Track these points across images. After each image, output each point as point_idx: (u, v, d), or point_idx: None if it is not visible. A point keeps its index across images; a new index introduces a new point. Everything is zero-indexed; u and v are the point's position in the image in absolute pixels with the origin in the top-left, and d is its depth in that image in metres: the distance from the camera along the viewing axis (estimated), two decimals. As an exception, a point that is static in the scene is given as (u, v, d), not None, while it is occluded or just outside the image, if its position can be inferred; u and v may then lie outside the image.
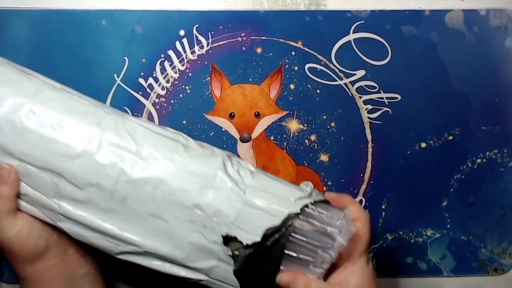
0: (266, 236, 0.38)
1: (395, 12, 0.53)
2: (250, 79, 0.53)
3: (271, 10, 0.53)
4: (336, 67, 0.53)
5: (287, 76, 0.53)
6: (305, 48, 0.53)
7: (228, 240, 0.39)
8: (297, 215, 0.39)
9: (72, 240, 0.42)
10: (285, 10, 0.53)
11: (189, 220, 0.39)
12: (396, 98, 0.54)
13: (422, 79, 0.54)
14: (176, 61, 0.53)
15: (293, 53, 0.53)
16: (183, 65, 0.53)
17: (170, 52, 0.52)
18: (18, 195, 0.40)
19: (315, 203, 0.40)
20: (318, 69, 0.53)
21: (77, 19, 0.51)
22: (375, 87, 0.54)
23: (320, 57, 0.53)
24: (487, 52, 0.54)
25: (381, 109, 0.54)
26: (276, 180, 0.42)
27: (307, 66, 0.53)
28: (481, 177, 0.56)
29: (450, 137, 0.55)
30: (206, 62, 0.53)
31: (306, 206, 0.39)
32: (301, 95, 0.54)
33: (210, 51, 0.53)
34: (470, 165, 0.55)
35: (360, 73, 0.54)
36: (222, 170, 0.40)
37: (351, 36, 0.53)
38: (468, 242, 0.56)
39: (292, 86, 0.53)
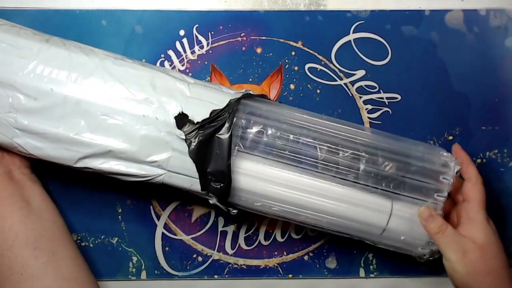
0: (214, 118, 0.42)
1: (395, 12, 0.53)
2: (250, 79, 0.53)
3: (271, 10, 0.53)
4: (336, 67, 0.53)
5: (287, 76, 0.53)
6: (305, 48, 0.53)
7: (180, 123, 0.42)
8: (238, 100, 0.43)
9: (17, 161, 0.45)
10: (285, 10, 0.53)
11: (141, 115, 0.42)
12: (396, 98, 0.54)
13: (422, 79, 0.54)
14: (176, 61, 0.53)
15: (293, 53, 0.53)
16: (183, 65, 0.53)
17: (170, 52, 0.52)
18: None
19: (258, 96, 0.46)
20: (318, 69, 0.53)
21: (77, 19, 0.51)
22: (375, 87, 0.54)
23: (320, 57, 0.53)
24: (487, 52, 0.54)
25: (381, 109, 0.54)
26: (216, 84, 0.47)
27: (307, 66, 0.53)
28: (482, 177, 0.55)
29: (450, 137, 0.55)
30: (206, 62, 0.53)
31: (245, 96, 0.44)
32: (301, 95, 0.54)
33: (210, 51, 0.53)
34: (470, 165, 0.55)
35: (360, 73, 0.54)
36: (165, 72, 0.44)
37: (351, 36, 0.53)
38: (468, 242, 0.56)
39: (292, 86, 0.53)
